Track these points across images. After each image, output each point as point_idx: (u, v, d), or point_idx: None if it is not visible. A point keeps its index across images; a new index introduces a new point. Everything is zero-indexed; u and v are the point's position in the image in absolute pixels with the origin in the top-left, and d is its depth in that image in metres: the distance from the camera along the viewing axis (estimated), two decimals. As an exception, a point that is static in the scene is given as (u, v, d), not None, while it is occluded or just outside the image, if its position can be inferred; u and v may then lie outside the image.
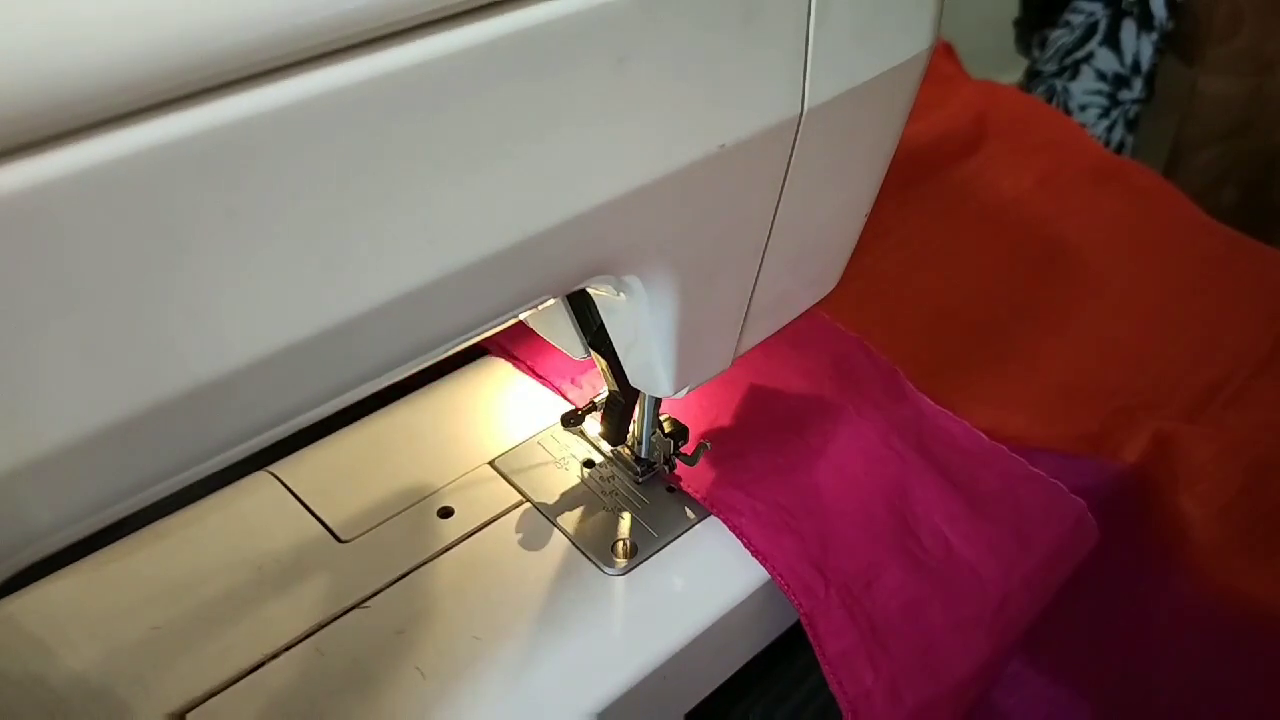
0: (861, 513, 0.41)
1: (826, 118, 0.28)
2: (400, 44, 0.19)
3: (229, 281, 0.18)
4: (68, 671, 0.33)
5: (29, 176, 0.15)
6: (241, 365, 0.19)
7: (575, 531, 0.40)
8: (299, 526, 0.39)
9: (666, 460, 0.41)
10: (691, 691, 0.40)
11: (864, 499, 0.42)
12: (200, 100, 0.17)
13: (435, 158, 0.20)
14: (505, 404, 0.46)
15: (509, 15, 0.20)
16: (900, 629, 0.38)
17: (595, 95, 0.22)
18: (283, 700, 0.33)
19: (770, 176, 0.29)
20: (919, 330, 0.56)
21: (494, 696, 0.34)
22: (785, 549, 0.38)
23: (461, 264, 0.22)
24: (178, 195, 0.17)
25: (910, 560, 0.40)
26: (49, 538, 0.20)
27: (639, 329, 0.32)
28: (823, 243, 0.35)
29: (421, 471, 0.42)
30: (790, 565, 0.38)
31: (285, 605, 0.36)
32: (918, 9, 0.30)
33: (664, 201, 0.26)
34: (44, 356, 0.17)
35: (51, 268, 0.16)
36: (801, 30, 0.26)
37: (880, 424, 0.45)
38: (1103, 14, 0.90)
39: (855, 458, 0.43)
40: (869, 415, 0.45)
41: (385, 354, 0.23)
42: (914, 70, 0.31)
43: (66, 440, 0.18)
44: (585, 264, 0.27)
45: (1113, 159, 0.72)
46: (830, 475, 0.42)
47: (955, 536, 0.41)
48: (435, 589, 0.37)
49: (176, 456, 0.21)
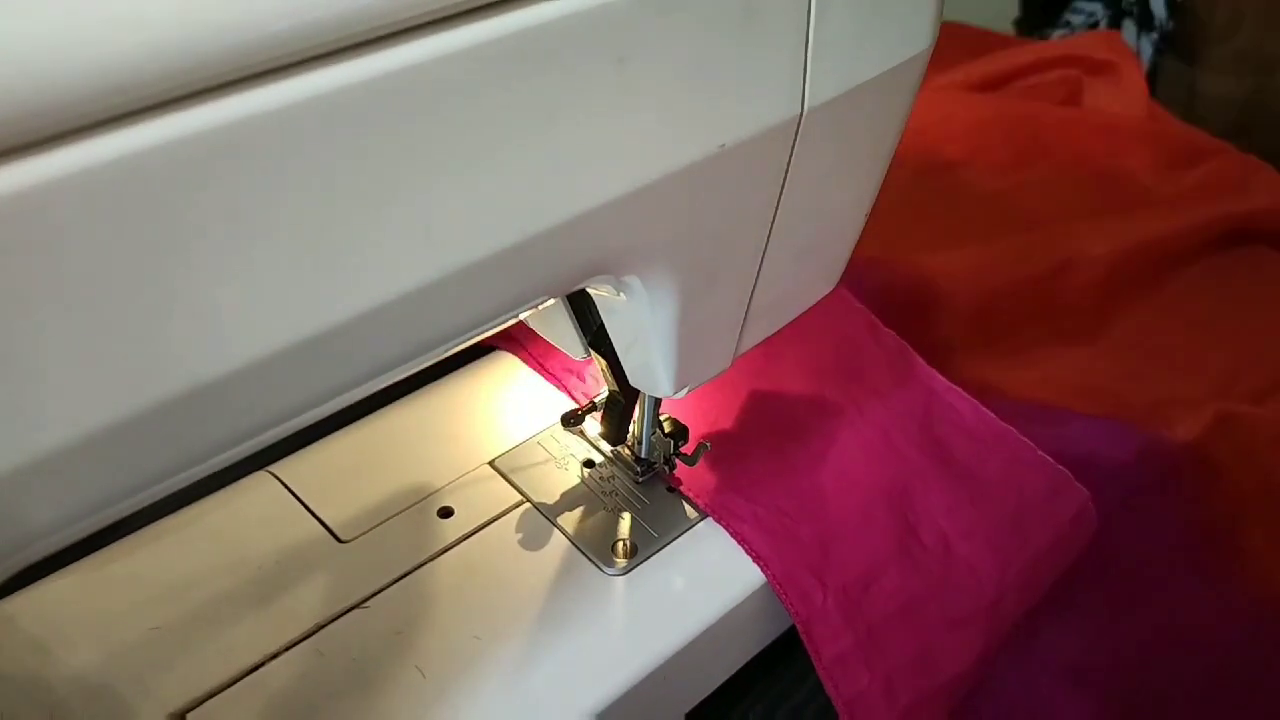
0: (861, 514, 0.41)
1: (826, 117, 0.28)
2: (400, 44, 0.19)
3: (229, 282, 0.18)
4: (68, 671, 0.33)
5: (29, 177, 0.15)
6: (241, 365, 0.19)
7: (575, 531, 0.40)
8: (299, 526, 0.39)
9: (666, 460, 0.41)
10: (691, 691, 0.40)
11: (864, 500, 0.42)
12: (200, 101, 0.16)
13: (435, 158, 0.20)
14: (505, 404, 0.46)
15: (509, 15, 0.20)
16: (897, 629, 0.38)
17: (595, 95, 0.22)
18: (283, 700, 0.33)
19: (770, 176, 0.29)
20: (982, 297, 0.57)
21: (494, 696, 0.34)
22: (784, 555, 0.38)
23: (461, 264, 0.22)
24: (178, 196, 0.17)
25: (909, 560, 0.40)
26: (49, 538, 0.20)
27: (639, 329, 0.32)
28: (823, 242, 0.35)
29: (421, 471, 0.42)
30: (788, 572, 0.38)
31: (285, 605, 0.36)
32: (917, 9, 0.30)
33: (664, 201, 0.26)
34: (44, 356, 0.17)
35: (52, 268, 0.16)
36: (801, 30, 0.26)
37: (882, 418, 0.45)
38: (1103, 14, 0.90)
39: (856, 457, 0.43)
40: (871, 410, 0.45)
41: (385, 354, 0.23)
42: (914, 70, 0.31)
43: (66, 440, 0.18)
44: (585, 264, 0.27)
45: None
46: (831, 476, 0.42)
47: (954, 531, 0.41)
48: (435, 589, 0.37)
49: (176, 456, 0.21)
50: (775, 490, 0.41)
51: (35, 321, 0.16)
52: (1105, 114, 0.77)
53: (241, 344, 0.19)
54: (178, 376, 0.19)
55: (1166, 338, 0.59)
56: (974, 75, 0.78)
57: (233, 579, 0.37)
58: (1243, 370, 0.56)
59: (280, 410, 0.22)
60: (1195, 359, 0.57)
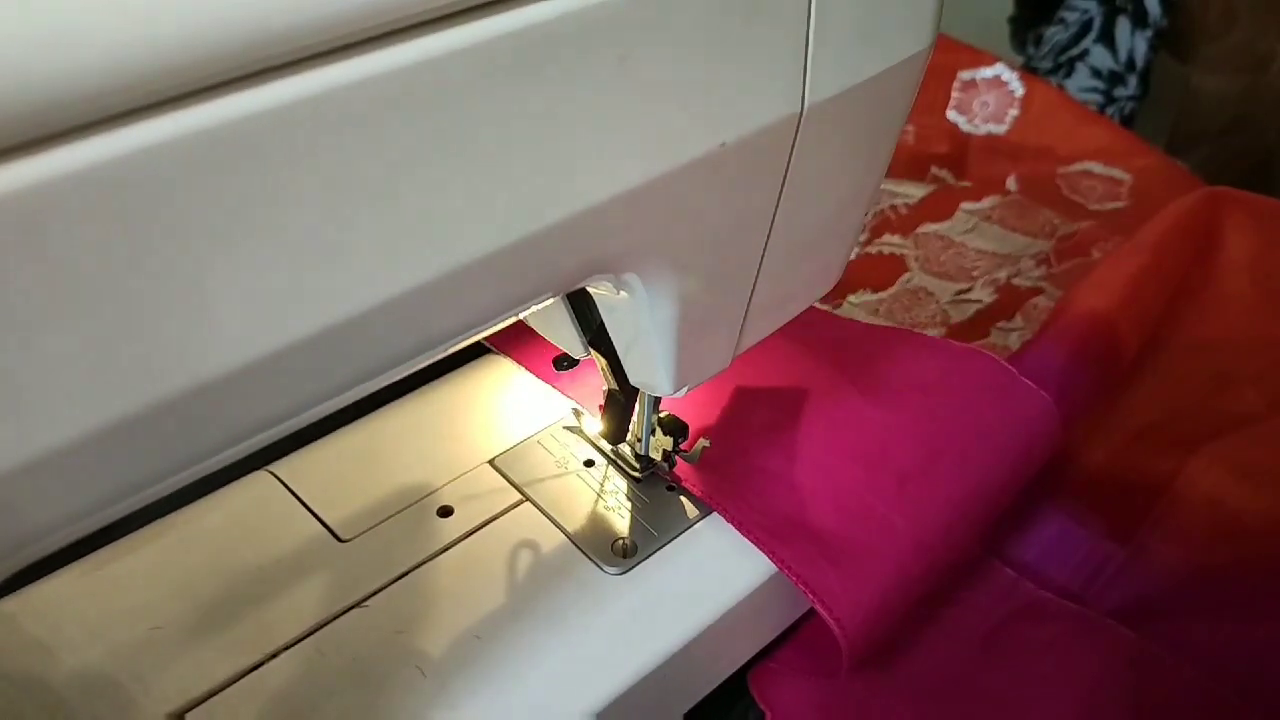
0: (863, 507, 0.41)
1: (827, 116, 0.28)
2: (401, 43, 0.18)
3: (228, 281, 0.18)
4: (68, 671, 0.33)
5: (28, 176, 0.15)
6: (241, 365, 0.19)
7: (575, 531, 0.40)
8: (299, 526, 0.39)
9: (666, 459, 0.41)
10: (691, 691, 0.40)
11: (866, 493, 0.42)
12: (199, 100, 0.16)
13: (435, 156, 0.20)
14: (505, 403, 0.46)
15: (509, 14, 0.20)
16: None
17: (596, 93, 0.22)
18: (283, 700, 0.33)
19: (771, 174, 0.29)
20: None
21: (494, 696, 0.34)
22: (790, 545, 0.38)
23: (462, 263, 0.22)
24: (177, 194, 0.17)
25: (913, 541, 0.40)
26: (49, 538, 0.20)
27: (639, 328, 0.32)
28: (823, 241, 0.35)
29: (421, 471, 0.42)
30: (796, 557, 0.38)
31: (285, 605, 0.36)
32: (918, 7, 0.30)
33: (665, 199, 0.26)
34: (44, 356, 0.17)
35: (51, 267, 0.16)
36: (802, 28, 0.26)
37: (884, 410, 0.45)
38: (1097, 11, 0.90)
39: (858, 452, 0.43)
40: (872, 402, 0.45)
41: (385, 353, 0.23)
42: (914, 69, 0.31)
43: (66, 440, 0.18)
44: (585, 262, 0.27)
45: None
46: (833, 471, 0.42)
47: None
48: (435, 589, 0.37)
49: (177, 456, 0.21)
50: (777, 486, 0.41)
51: (36, 321, 0.16)
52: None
53: (242, 343, 0.19)
54: (178, 376, 0.19)
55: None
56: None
57: (233, 579, 0.37)
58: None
59: (280, 410, 0.22)
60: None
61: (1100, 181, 0.76)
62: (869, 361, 0.48)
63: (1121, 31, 0.90)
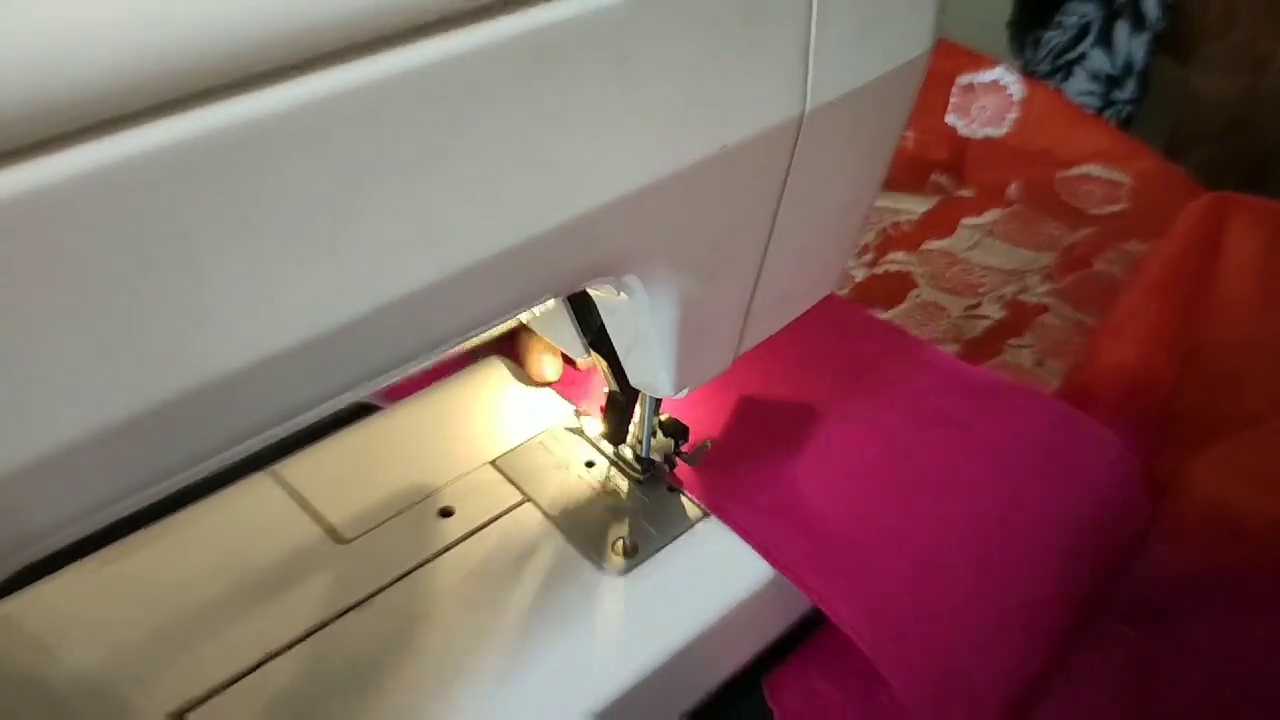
0: (862, 504, 0.41)
1: (828, 118, 0.28)
2: (401, 47, 0.18)
3: (230, 283, 0.18)
4: (68, 671, 0.33)
5: (31, 179, 0.15)
6: (242, 366, 0.19)
7: (575, 531, 0.40)
8: (299, 526, 0.39)
9: (667, 460, 0.41)
10: (691, 691, 0.40)
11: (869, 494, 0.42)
12: (202, 103, 0.16)
13: (436, 159, 0.20)
14: (506, 404, 0.46)
15: (510, 17, 0.20)
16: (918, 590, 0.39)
17: (597, 96, 0.22)
18: (283, 700, 0.33)
19: (771, 177, 0.29)
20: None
21: (494, 696, 0.34)
22: (790, 547, 0.39)
23: (462, 265, 0.22)
24: (179, 198, 0.17)
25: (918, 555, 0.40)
26: (49, 538, 0.20)
27: (639, 329, 0.32)
28: (823, 243, 0.36)
29: (421, 471, 0.42)
30: (796, 560, 0.38)
31: (285, 605, 0.36)
32: (919, 10, 0.30)
33: (665, 202, 0.26)
34: (45, 356, 0.17)
35: (53, 269, 0.16)
36: (803, 31, 0.26)
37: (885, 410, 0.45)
38: (1095, 14, 0.90)
39: (859, 452, 0.43)
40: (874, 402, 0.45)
41: (386, 354, 0.23)
42: (915, 71, 0.31)
43: (66, 440, 0.18)
44: (586, 264, 0.27)
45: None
46: (834, 472, 0.43)
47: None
48: (435, 589, 0.37)
49: (177, 456, 0.21)
50: (778, 488, 0.41)
51: (37, 321, 0.16)
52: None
53: (244, 345, 0.19)
54: (178, 377, 0.19)
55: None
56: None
57: (233, 579, 0.37)
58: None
59: (281, 410, 0.22)
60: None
61: (1099, 185, 0.76)
62: (873, 364, 0.48)
63: (1120, 35, 0.90)
